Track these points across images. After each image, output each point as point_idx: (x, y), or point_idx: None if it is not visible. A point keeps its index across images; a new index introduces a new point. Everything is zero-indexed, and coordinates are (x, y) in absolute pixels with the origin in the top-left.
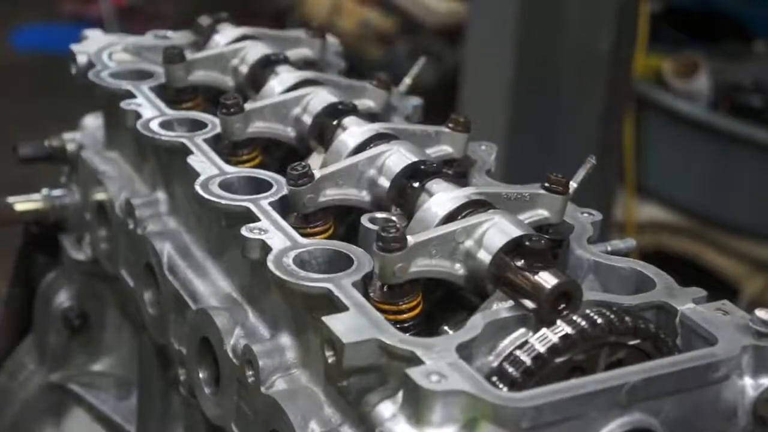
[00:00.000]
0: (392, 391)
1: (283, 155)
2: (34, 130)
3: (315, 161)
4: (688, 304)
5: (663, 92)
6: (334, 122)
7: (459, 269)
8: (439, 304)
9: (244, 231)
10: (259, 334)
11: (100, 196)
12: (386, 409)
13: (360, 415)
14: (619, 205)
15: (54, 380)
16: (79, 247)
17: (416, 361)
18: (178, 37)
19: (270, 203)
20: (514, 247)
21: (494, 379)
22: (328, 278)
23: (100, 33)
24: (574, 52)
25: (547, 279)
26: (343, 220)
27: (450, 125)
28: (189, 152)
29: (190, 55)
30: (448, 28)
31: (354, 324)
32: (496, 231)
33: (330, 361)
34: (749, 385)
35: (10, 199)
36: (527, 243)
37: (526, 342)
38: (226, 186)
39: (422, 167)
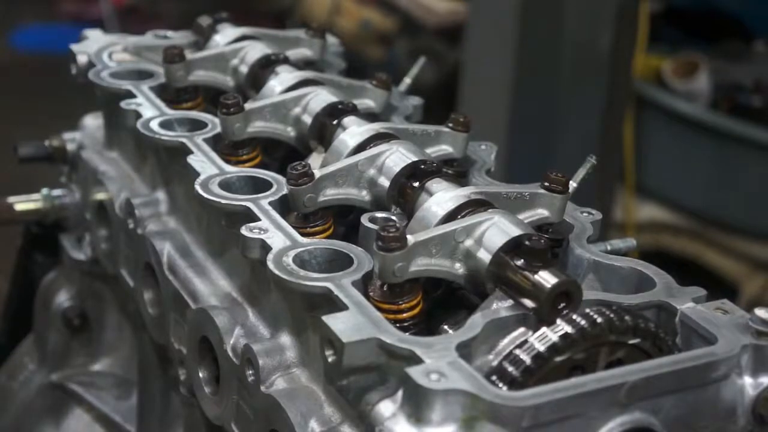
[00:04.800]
0: (392, 390)
1: (283, 155)
2: (34, 130)
3: (315, 161)
4: (688, 303)
5: (663, 92)
6: (334, 122)
7: (459, 268)
8: (439, 303)
9: (243, 230)
10: (259, 333)
11: (100, 195)
12: (386, 408)
13: (360, 414)
14: (619, 205)
15: (54, 380)
16: (79, 247)
17: (416, 360)
18: (178, 37)
19: (270, 203)
20: (513, 247)
21: (494, 378)
22: (327, 277)
23: (100, 33)
24: (574, 52)
25: (547, 278)
26: (343, 220)
27: (450, 125)
28: (189, 152)
29: (190, 55)
30: (448, 28)
31: (354, 323)
32: (496, 230)
33: (330, 360)
34: (749, 384)
35: (10, 199)
36: (527, 242)
37: (525, 341)
38: (226, 185)
39: (422, 167)
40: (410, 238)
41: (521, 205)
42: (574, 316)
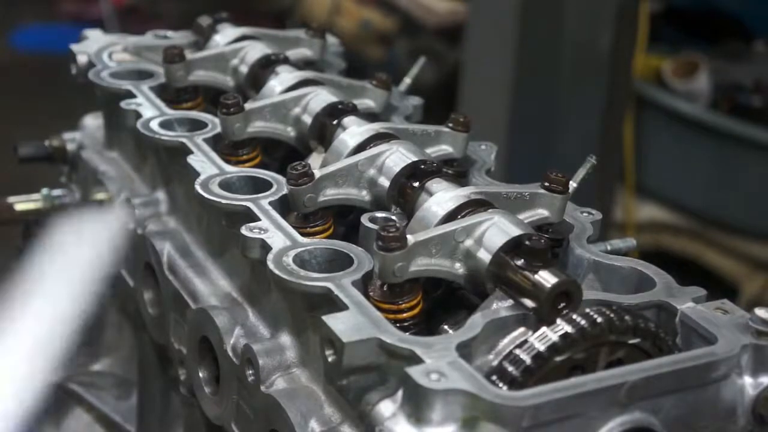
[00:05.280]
0: (392, 390)
1: (283, 155)
2: (34, 130)
3: (315, 161)
4: (688, 303)
5: (663, 92)
6: (334, 122)
7: (459, 268)
8: (439, 303)
9: (243, 230)
10: (259, 333)
11: (100, 195)
12: (386, 408)
13: (360, 414)
14: (619, 205)
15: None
16: None
17: (416, 359)
18: (178, 37)
19: (270, 203)
20: (513, 247)
21: (494, 377)
22: (328, 277)
23: (100, 33)
24: (574, 52)
25: (547, 278)
26: (343, 220)
27: (450, 125)
28: (189, 152)
29: (190, 55)
30: (448, 28)
31: (354, 323)
32: (496, 230)
33: (330, 360)
34: (748, 384)
35: (10, 199)
36: (527, 242)
37: (525, 341)
38: (226, 185)
39: (422, 167)
40: (410, 238)
41: (521, 205)
42: (574, 316)
